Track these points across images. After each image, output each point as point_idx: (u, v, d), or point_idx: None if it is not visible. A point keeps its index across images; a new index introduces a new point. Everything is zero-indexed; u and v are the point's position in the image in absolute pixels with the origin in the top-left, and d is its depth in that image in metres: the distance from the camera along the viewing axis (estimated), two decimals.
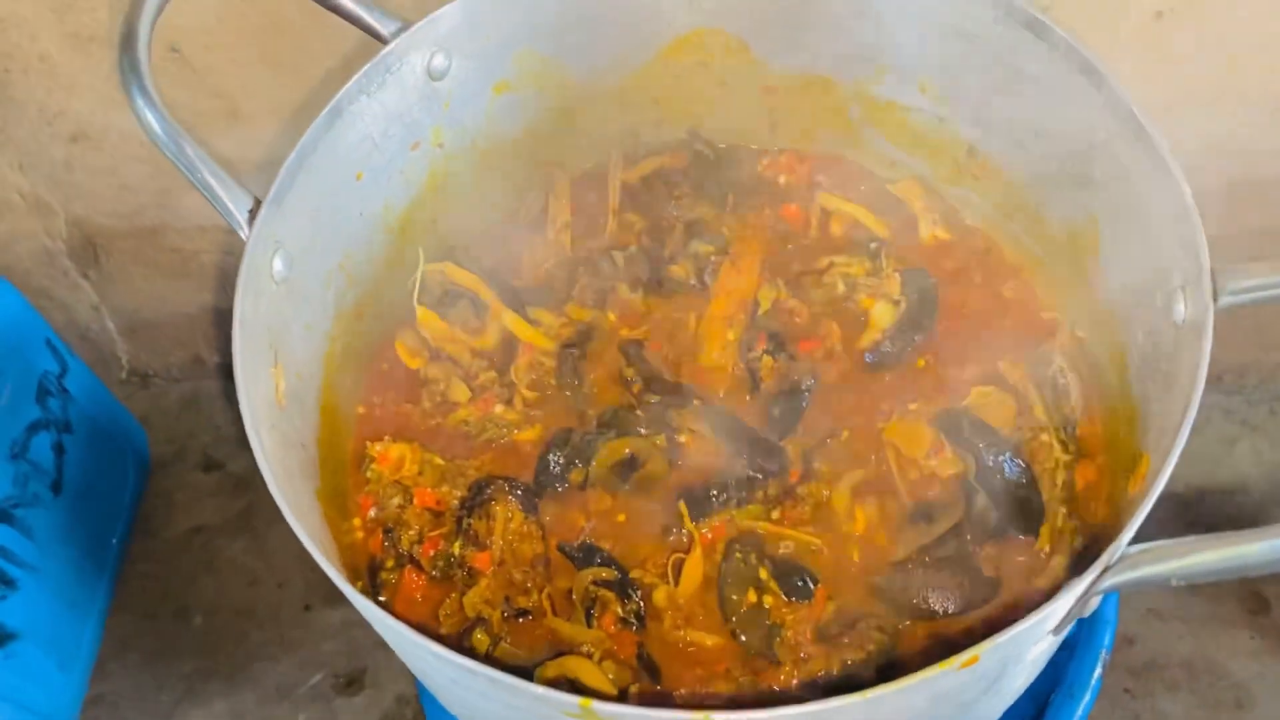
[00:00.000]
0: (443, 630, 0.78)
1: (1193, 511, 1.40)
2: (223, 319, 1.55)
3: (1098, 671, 0.97)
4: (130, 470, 1.49)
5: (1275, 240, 1.17)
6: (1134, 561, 0.59)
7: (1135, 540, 0.60)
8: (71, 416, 1.35)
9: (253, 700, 1.37)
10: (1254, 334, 1.38)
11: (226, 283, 1.49)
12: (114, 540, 1.43)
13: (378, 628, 0.68)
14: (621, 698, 0.72)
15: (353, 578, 0.76)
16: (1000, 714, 0.81)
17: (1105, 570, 0.60)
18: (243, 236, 0.75)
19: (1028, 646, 0.63)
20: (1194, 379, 0.64)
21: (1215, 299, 0.66)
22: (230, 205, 0.75)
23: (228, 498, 1.53)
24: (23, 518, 1.24)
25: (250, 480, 1.54)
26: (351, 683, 1.38)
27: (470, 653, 0.75)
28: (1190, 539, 0.57)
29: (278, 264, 0.77)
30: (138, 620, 1.43)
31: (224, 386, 1.63)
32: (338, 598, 1.45)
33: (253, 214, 0.75)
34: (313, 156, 0.79)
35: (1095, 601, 0.63)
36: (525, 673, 0.71)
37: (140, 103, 0.74)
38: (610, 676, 0.74)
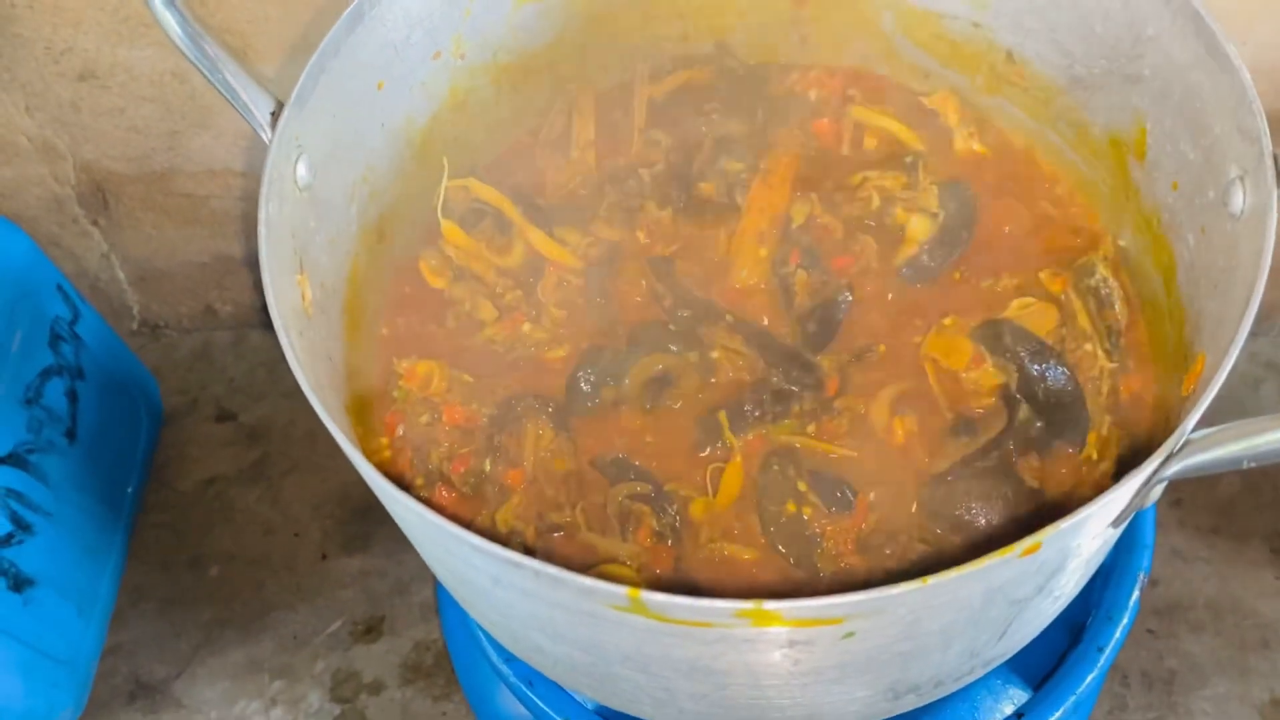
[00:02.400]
0: None
1: None
2: (233, 267, 1.53)
3: (1135, 594, 0.95)
4: (143, 418, 1.47)
5: None
6: (1202, 444, 0.57)
7: None
8: (84, 363, 1.33)
9: (271, 648, 1.36)
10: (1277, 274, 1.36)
11: (237, 229, 1.47)
12: (129, 489, 1.42)
13: (416, 527, 0.67)
14: None
15: None
16: (1044, 626, 0.79)
17: (1170, 456, 0.58)
18: (265, 139, 0.73)
19: (1087, 538, 0.61)
20: (1257, 266, 0.62)
21: None
22: (252, 107, 0.73)
23: (241, 448, 1.52)
24: (38, 464, 1.23)
25: (264, 431, 1.53)
26: (370, 630, 1.38)
27: None
28: (1262, 418, 0.55)
29: (301, 169, 0.75)
30: (153, 571, 1.42)
31: (235, 337, 1.61)
32: (354, 546, 1.46)
33: (275, 116, 0.73)
34: (334, 60, 0.77)
35: (1157, 491, 0.61)
36: None
37: (158, 2, 0.72)
38: None
